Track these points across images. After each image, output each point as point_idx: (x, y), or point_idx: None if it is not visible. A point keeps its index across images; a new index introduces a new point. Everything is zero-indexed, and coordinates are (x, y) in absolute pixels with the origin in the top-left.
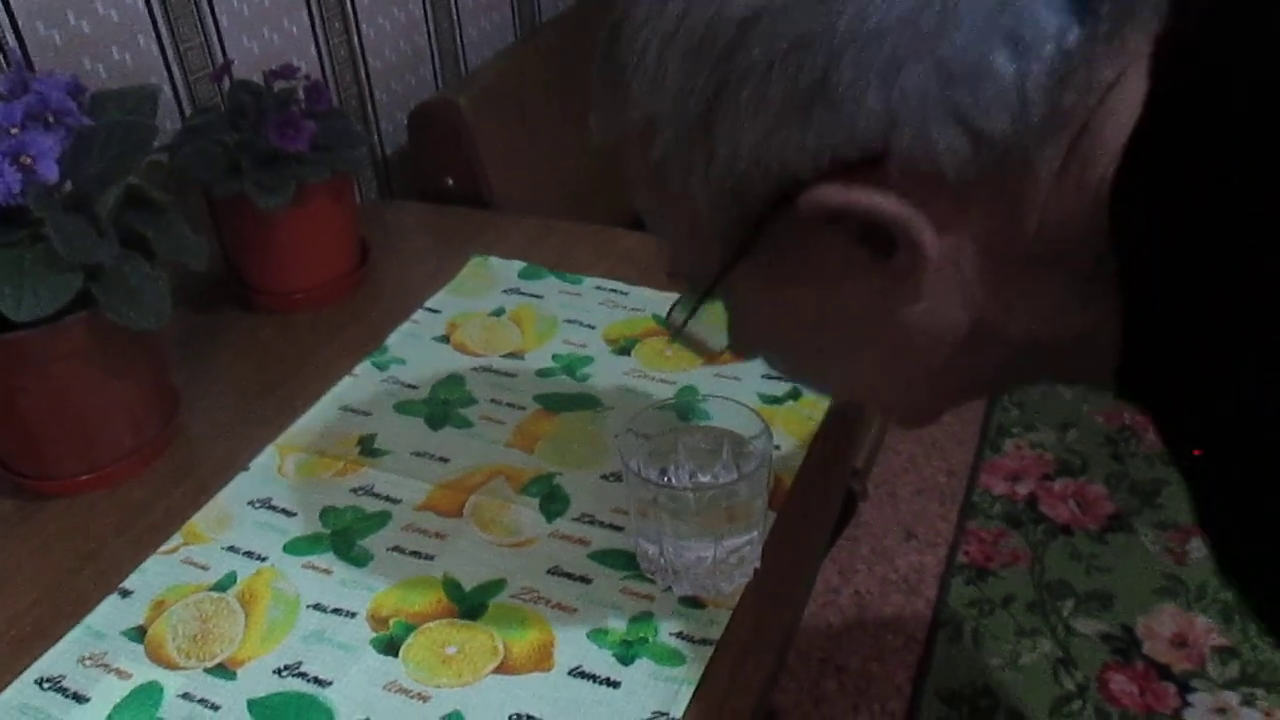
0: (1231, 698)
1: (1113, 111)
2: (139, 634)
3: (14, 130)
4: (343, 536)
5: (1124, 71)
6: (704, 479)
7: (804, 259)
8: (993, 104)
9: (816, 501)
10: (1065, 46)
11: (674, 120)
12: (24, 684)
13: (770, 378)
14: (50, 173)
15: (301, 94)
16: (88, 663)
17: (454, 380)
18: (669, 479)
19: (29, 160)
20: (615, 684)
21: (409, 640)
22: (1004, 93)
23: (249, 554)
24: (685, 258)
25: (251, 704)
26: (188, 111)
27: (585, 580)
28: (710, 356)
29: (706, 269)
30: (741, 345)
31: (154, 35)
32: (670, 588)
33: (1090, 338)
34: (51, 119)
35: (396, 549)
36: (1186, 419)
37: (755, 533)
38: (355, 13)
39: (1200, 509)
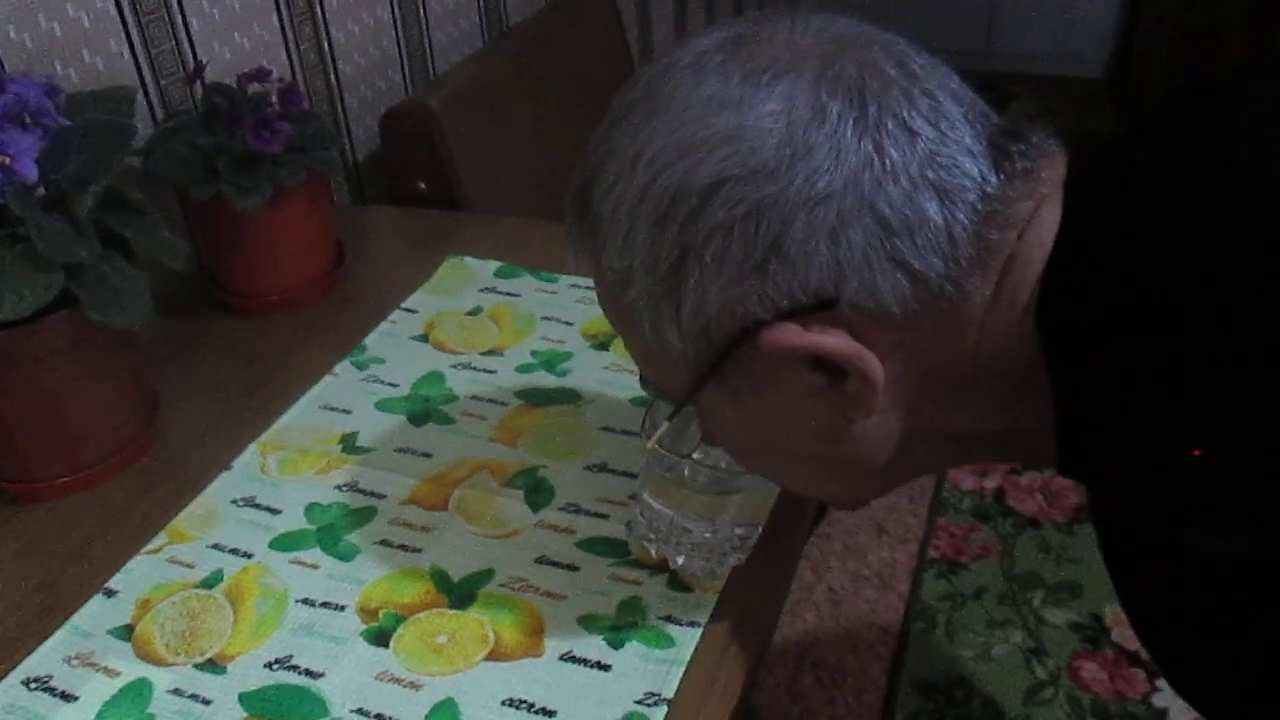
0: None
1: (1033, 242)
2: (126, 632)
3: None
4: (329, 532)
5: (1040, 205)
6: (722, 462)
7: (764, 383)
8: (927, 249)
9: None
10: (986, 191)
11: (645, 274)
12: (10, 685)
13: None
14: (29, 172)
15: (275, 97)
16: (75, 662)
17: (434, 378)
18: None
19: (7, 160)
20: (606, 667)
21: (399, 631)
22: (936, 238)
23: (235, 551)
24: (655, 376)
25: (243, 697)
26: (159, 115)
27: (573, 568)
28: (684, 460)
29: (675, 388)
30: (710, 443)
31: (125, 39)
32: (665, 560)
33: (1027, 429)
34: (28, 119)
35: (383, 542)
36: (1115, 507)
37: (761, 519)
38: (325, 17)
39: (1121, 591)
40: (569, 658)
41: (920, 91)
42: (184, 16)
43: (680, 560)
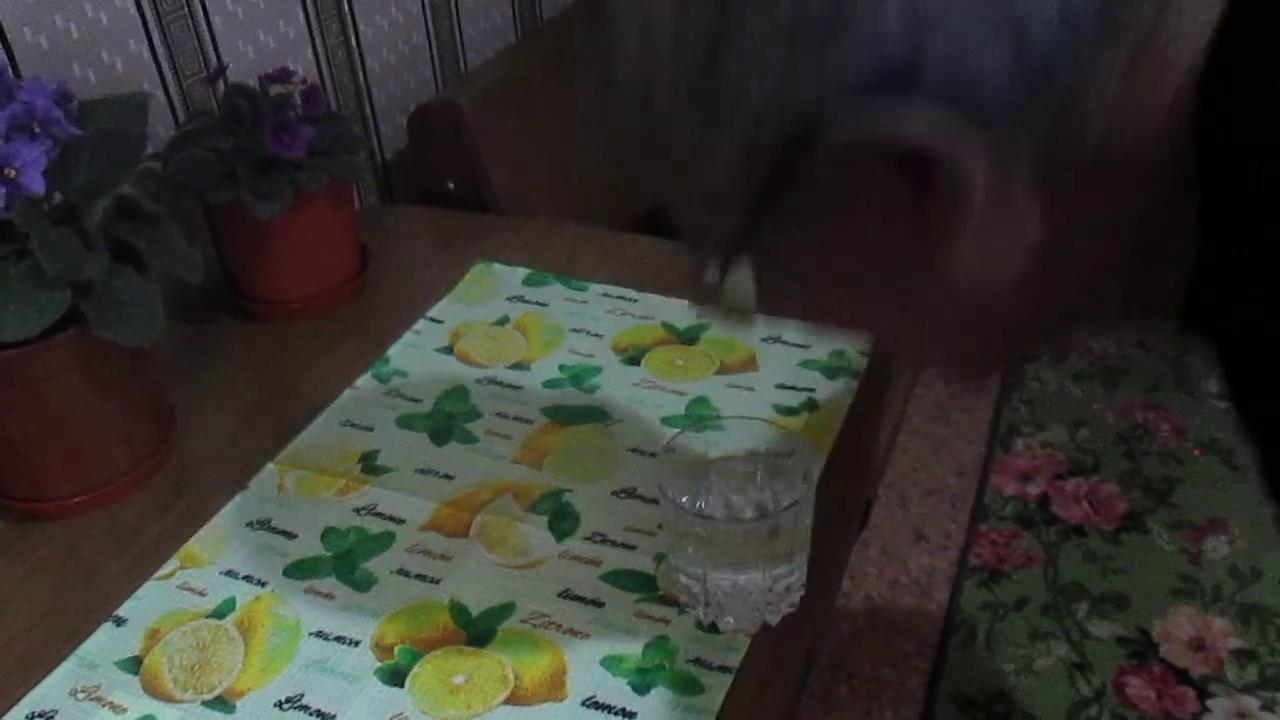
0: (1251, 702)
1: (1186, 7)
2: (134, 664)
3: None
4: (345, 559)
5: None
6: (735, 500)
7: (836, 200)
8: (1036, 2)
9: (836, 515)
10: None
11: (671, 76)
12: (15, 719)
13: (784, 387)
14: (36, 185)
15: (298, 98)
16: (80, 695)
17: (458, 392)
18: (700, 505)
19: (13, 172)
20: (631, 715)
21: (415, 669)
22: None
23: (248, 578)
24: (704, 221)
25: None
26: (180, 117)
27: (598, 604)
28: (748, 322)
29: (730, 227)
30: (773, 300)
31: (145, 39)
32: (714, 623)
33: (1156, 256)
34: (38, 128)
35: (401, 571)
36: (1257, 347)
37: (804, 556)
38: (352, 13)
39: (1264, 463)
40: (592, 703)
41: None
42: (206, 14)
43: (730, 620)
